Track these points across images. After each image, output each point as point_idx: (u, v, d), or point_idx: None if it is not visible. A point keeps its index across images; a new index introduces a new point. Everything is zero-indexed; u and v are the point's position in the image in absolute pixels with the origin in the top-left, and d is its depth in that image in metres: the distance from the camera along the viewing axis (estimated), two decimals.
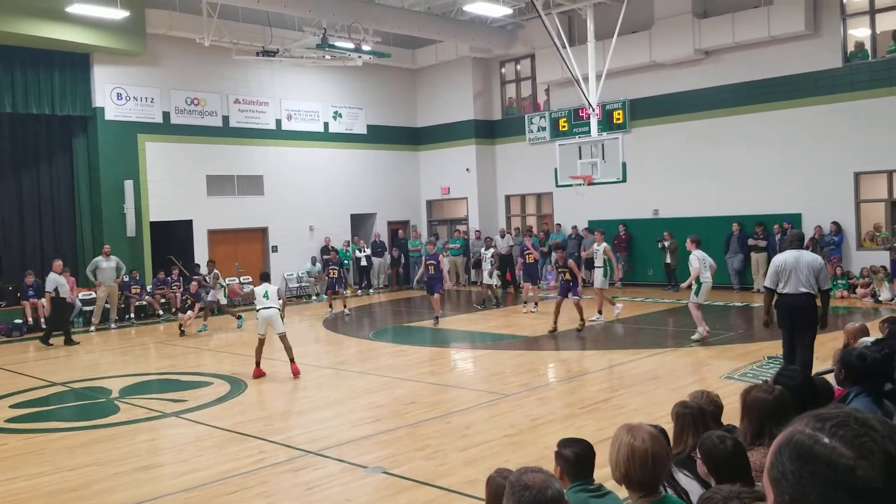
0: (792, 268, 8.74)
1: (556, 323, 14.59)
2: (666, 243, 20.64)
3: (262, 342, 11.77)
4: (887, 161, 17.91)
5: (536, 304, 18.02)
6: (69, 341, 15.96)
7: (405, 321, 18.26)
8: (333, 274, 19.05)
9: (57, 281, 16.01)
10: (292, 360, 11.58)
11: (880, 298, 16.92)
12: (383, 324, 18.00)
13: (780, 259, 8.96)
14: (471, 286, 24.24)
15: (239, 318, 17.31)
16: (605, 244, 16.44)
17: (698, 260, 12.86)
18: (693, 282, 12.90)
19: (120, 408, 10.14)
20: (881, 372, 4.36)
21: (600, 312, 15.87)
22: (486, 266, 19.35)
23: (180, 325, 16.86)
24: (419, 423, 8.72)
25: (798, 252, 8.93)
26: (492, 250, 19.50)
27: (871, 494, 1.11)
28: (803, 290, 8.73)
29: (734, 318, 16.28)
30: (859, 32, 18.74)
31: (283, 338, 11.59)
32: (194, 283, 17.61)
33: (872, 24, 18.40)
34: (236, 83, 22.21)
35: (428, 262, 16.91)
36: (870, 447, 1.13)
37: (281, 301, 11.89)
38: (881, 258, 17.49)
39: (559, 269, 15.11)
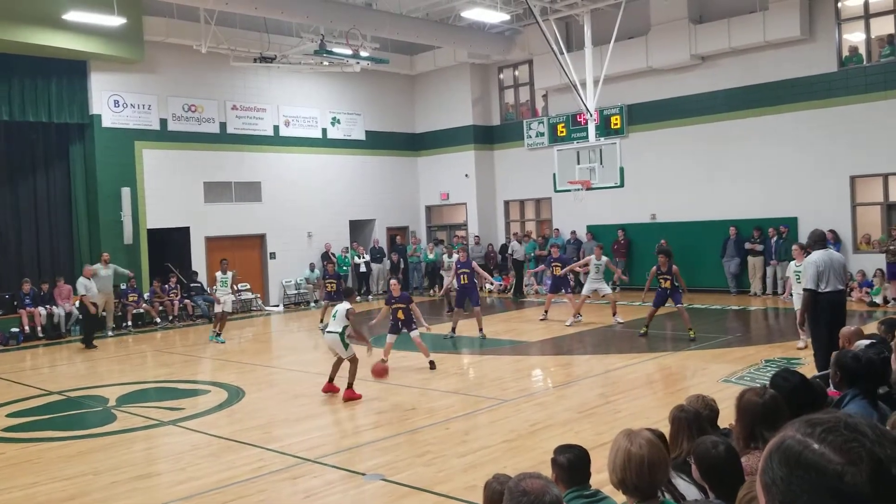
0: (829, 267, 9.13)
1: (647, 326, 14.27)
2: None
3: (339, 360, 10.65)
4: (882, 164, 17.94)
5: (546, 312, 17.25)
6: (89, 345, 16.38)
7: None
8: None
9: (86, 285, 16.55)
10: (349, 386, 10.32)
11: (876, 301, 16.93)
12: (382, 329, 17.95)
13: (818, 259, 9.21)
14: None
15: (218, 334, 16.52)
16: (605, 258, 16.53)
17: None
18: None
19: (117, 416, 10.10)
20: (876, 374, 4.36)
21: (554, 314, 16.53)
22: (448, 273, 19.21)
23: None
24: (418, 429, 8.71)
25: (828, 251, 9.36)
26: (455, 256, 19.50)
27: (859, 500, 1.10)
28: (840, 286, 9.20)
29: (731, 321, 16.29)
30: (854, 37, 18.79)
31: (349, 360, 10.40)
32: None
33: (867, 29, 18.45)
34: (234, 90, 22.22)
35: (459, 272, 15.41)
36: (858, 453, 1.13)
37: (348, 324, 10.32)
38: (877, 261, 17.50)
39: (661, 276, 13.99)
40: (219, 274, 16.86)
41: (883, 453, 1.13)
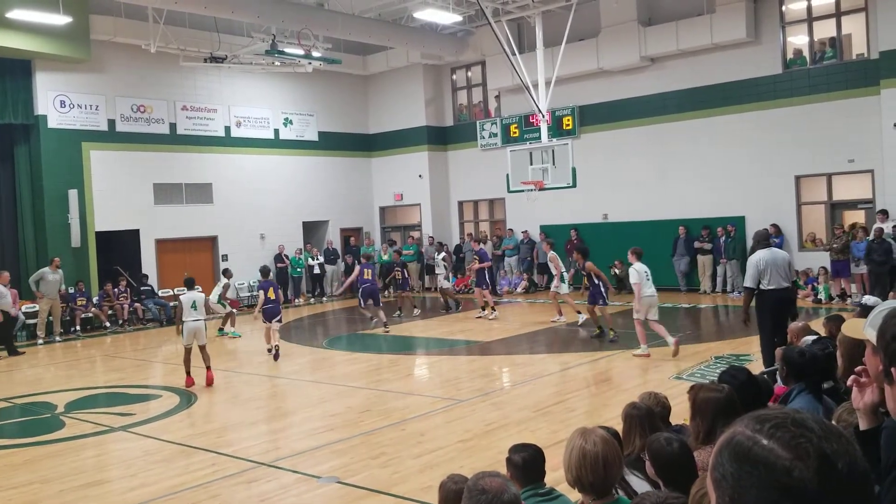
0: (771, 265, 9.32)
1: (599, 327, 14.05)
2: (616, 271, 20.41)
3: (189, 352, 11.70)
4: (826, 164, 18.41)
5: (494, 308, 17.69)
6: (13, 352, 15.89)
7: (359, 329, 18.15)
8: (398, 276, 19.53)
9: (0, 292, 16.02)
10: (208, 368, 11.59)
11: (821, 298, 17.38)
12: (337, 332, 17.89)
13: (759, 258, 9.42)
14: (424, 292, 24.26)
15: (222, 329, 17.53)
16: (551, 252, 16.63)
17: (638, 274, 11.84)
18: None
19: (65, 423, 9.90)
20: (821, 369, 4.48)
21: (580, 312, 15.66)
22: (440, 270, 19.53)
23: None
24: (374, 431, 8.69)
25: (771, 250, 9.55)
26: (443, 254, 19.62)
27: (807, 495, 1.13)
28: (784, 283, 9.39)
29: (682, 319, 16.55)
30: (798, 40, 19.26)
31: (202, 348, 11.60)
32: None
33: (810, 32, 18.92)
34: (184, 90, 21.88)
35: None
36: (806, 448, 1.16)
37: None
38: (822, 259, 17.95)
39: (582, 275, 14.04)
40: (225, 281, 17.82)
41: (829, 448, 1.17)
